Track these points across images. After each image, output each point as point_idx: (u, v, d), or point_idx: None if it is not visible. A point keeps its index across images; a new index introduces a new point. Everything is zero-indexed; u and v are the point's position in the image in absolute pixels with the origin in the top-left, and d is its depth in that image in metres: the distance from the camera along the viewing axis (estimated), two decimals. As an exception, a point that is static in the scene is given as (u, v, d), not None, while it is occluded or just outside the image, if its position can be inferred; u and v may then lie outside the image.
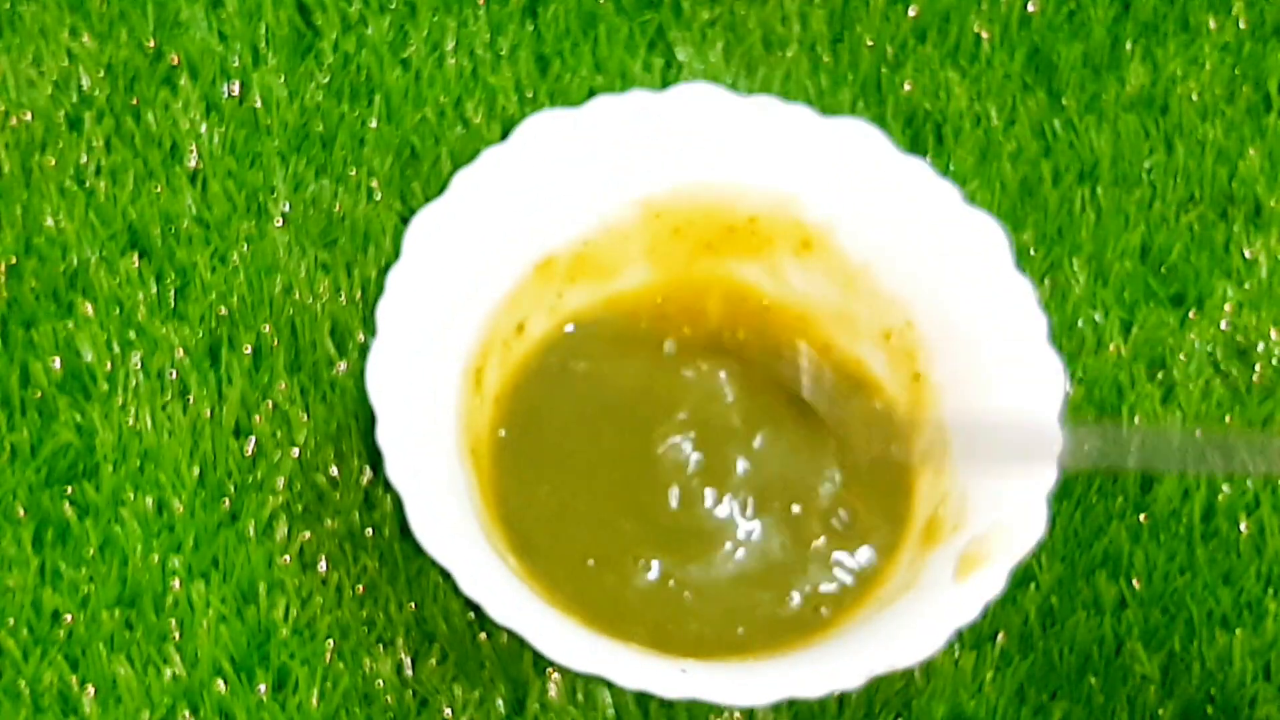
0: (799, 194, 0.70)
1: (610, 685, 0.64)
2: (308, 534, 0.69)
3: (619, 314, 0.72)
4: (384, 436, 0.64)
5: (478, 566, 0.63)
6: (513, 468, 0.69)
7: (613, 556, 0.68)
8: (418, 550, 0.64)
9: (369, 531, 0.69)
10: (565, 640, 0.62)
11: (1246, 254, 0.75)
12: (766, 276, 0.72)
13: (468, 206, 0.68)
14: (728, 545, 0.68)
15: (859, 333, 0.71)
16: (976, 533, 0.65)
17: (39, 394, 0.70)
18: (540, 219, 0.70)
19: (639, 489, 0.69)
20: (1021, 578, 0.69)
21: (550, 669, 0.67)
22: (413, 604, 0.68)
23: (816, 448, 0.70)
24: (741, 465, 0.70)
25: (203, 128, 0.75)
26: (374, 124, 0.76)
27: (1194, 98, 0.78)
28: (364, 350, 0.71)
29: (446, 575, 0.64)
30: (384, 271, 0.73)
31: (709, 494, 0.69)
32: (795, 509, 0.69)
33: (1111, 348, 0.73)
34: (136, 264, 0.73)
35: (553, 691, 0.67)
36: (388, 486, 0.69)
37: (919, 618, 0.64)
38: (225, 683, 0.67)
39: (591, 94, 0.76)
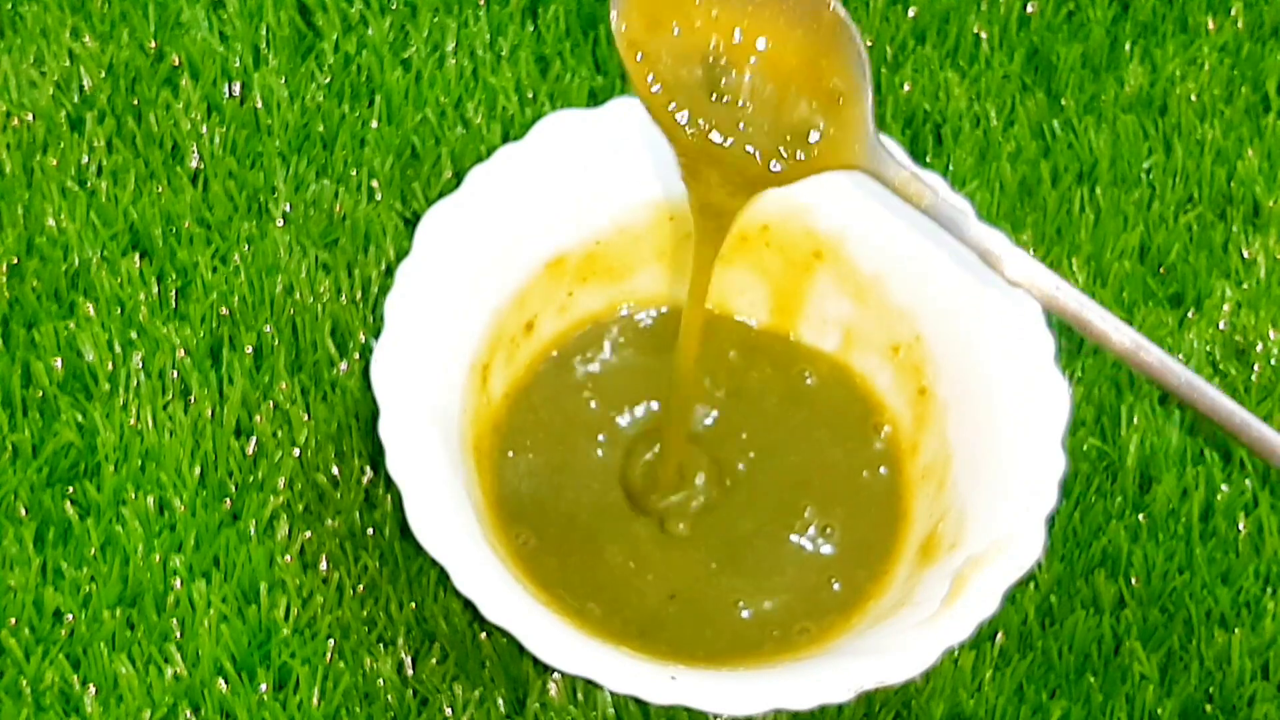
0: (812, 204, 0.70)
1: (609, 685, 0.64)
2: (309, 533, 0.69)
3: (629, 317, 0.72)
4: (386, 429, 0.64)
5: (474, 563, 0.63)
6: (516, 467, 0.69)
7: (613, 560, 0.68)
8: (418, 549, 0.64)
9: (370, 531, 0.69)
10: (556, 641, 0.62)
11: (1245, 254, 0.75)
12: (776, 286, 0.72)
13: (481, 202, 0.68)
14: (732, 553, 0.68)
15: (868, 345, 0.71)
16: (973, 552, 0.65)
17: (40, 394, 0.70)
18: (553, 217, 0.70)
19: (643, 494, 0.69)
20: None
21: (551, 668, 0.67)
22: (413, 603, 0.68)
23: (820, 450, 0.71)
24: (745, 473, 0.70)
25: (204, 128, 0.75)
26: (375, 125, 0.76)
27: (1193, 98, 0.78)
28: (365, 350, 0.72)
29: (444, 573, 0.64)
30: (385, 272, 0.73)
31: (713, 500, 0.69)
32: (798, 515, 0.69)
33: (1110, 348, 0.73)
34: (138, 264, 0.73)
35: (553, 691, 0.67)
36: (388, 486, 0.69)
37: (910, 635, 0.64)
38: (226, 682, 0.67)
39: (591, 94, 0.76)
